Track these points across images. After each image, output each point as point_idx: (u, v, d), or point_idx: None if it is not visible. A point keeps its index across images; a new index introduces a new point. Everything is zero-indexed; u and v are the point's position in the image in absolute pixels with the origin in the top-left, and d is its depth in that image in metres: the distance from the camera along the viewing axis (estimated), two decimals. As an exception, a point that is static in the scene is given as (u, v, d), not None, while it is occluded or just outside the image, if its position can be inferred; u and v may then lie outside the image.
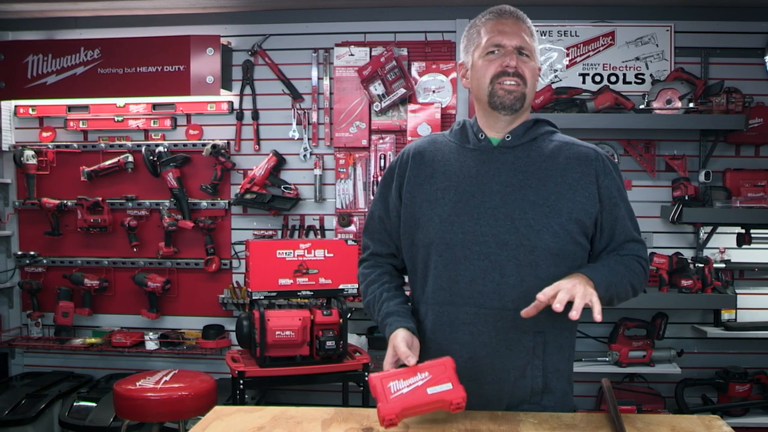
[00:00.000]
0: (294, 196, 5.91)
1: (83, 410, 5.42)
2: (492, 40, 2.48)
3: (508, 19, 2.50)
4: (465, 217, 2.44)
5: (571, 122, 5.27)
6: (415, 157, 2.61)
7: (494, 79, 2.47)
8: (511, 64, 2.44)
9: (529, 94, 2.50)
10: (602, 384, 2.46)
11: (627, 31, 5.71)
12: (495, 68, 2.47)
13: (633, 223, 2.57)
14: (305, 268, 4.92)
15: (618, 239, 2.51)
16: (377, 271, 2.72)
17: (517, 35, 2.47)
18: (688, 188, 5.45)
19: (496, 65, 2.46)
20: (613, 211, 2.50)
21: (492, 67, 2.47)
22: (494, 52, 2.48)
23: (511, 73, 2.45)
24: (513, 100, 2.47)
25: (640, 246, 2.56)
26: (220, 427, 2.27)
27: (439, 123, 5.66)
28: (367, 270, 2.75)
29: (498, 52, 2.47)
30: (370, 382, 2.25)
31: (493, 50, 2.48)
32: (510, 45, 2.46)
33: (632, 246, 2.54)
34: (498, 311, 2.40)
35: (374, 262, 2.75)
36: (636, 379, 5.67)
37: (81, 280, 6.07)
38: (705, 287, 5.38)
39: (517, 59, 2.46)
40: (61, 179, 6.21)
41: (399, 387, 2.20)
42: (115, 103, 6.10)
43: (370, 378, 2.25)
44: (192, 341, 5.98)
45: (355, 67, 5.81)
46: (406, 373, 2.23)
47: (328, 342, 4.73)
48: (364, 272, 2.76)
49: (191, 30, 5.86)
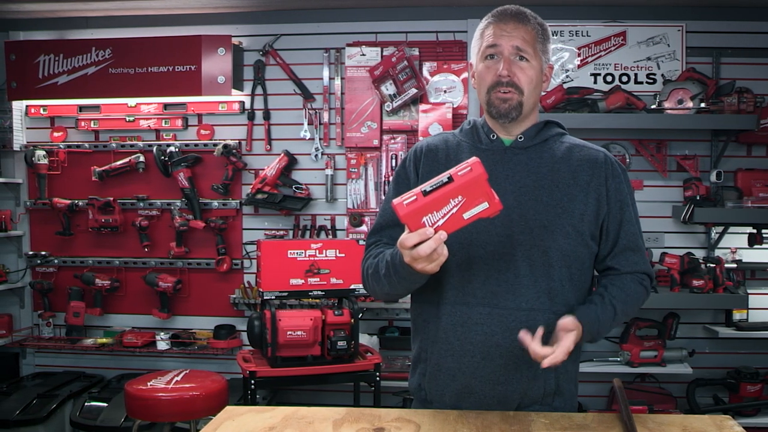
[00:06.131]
0: (305, 196, 5.92)
1: (94, 410, 5.43)
2: (489, 43, 2.47)
3: (508, 22, 2.46)
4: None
5: (582, 122, 5.27)
6: (428, 155, 2.59)
7: (491, 90, 2.47)
8: (503, 73, 2.42)
9: (527, 101, 2.47)
10: (614, 384, 2.46)
11: (638, 31, 5.70)
12: (491, 78, 2.46)
13: (638, 229, 2.55)
14: (316, 268, 4.92)
15: (621, 244, 2.50)
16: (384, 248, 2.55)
17: (515, 38, 2.44)
18: (699, 188, 5.43)
19: (492, 73, 2.45)
20: (619, 215, 2.50)
21: (488, 76, 2.46)
22: (492, 57, 2.46)
23: (505, 82, 2.43)
24: (508, 109, 2.45)
25: (642, 258, 2.54)
26: (231, 427, 2.27)
27: (450, 123, 5.66)
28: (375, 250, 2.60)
29: (495, 57, 2.45)
30: (397, 211, 2.10)
31: (491, 54, 2.47)
32: (506, 48, 2.44)
33: (635, 259, 2.52)
34: (512, 311, 2.39)
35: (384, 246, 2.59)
36: (647, 379, 5.66)
37: (92, 280, 6.08)
38: (716, 287, 5.37)
39: (514, 64, 2.44)
40: (73, 179, 6.22)
41: (434, 220, 2.10)
42: (127, 103, 6.11)
43: (396, 206, 2.10)
44: (203, 341, 5.99)
45: (367, 67, 5.81)
46: (438, 202, 2.10)
47: (340, 342, 4.73)
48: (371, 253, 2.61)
49: (202, 30, 5.86)
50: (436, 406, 2.51)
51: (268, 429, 2.24)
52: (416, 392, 2.62)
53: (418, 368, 2.60)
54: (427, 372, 2.55)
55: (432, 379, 2.53)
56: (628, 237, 2.51)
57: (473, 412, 2.33)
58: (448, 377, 2.48)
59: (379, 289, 2.52)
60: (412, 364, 2.65)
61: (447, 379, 2.49)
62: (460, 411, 2.37)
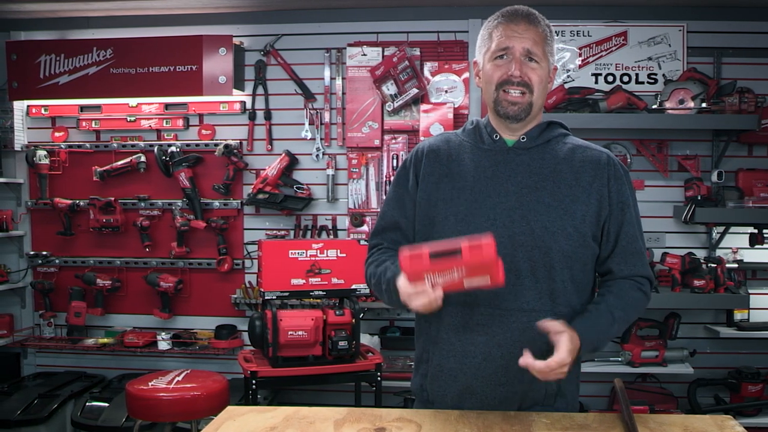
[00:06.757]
0: (306, 196, 5.92)
1: (96, 410, 5.43)
2: (500, 44, 2.45)
3: (519, 23, 2.45)
4: (481, 217, 2.43)
5: (583, 122, 5.27)
6: (430, 155, 2.59)
7: (499, 87, 2.46)
8: (515, 73, 2.43)
9: (536, 101, 2.48)
10: (615, 384, 2.46)
11: (639, 31, 5.70)
12: (500, 75, 2.45)
13: (639, 231, 2.54)
14: (318, 268, 4.92)
15: (621, 246, 2.49)
16: (389, 253, 2.61)
17: (526, 39, 2.44)
18: (700, 188, 5.43)
19: (502, 72, 2.45)
20: (620, 217, 2.49)
21: (498, 74, 2.46)
22: (502, 57, 2.46)
23: (516, 82, 2.44)
24: (517, 111, 2.46)
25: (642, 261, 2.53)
26: (232, 427, 2.27)
27: (451, 123, 5.66)
28: (376, 256, 2.66)
29: (506, 58, 2.45)
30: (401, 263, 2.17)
31: (501, 54, 2.46)
32: (518, 50, 2.43)
33: (634, 261, 2.51)
34: (513, 312, 2.39)
35: (385, 250, 2.65)
36: (648, 379, 5.66)
37: (93, 280, 6.08)
38: (718, 287, 5.37)
39: (524, 65, 2.44)
40: (74, 179, 6.23)
41: (434, 279, 2.15)
42: (128, 103, 6.11)
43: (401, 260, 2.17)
44: (204, 341, 5.99)
45: (368, 67, 5.82)
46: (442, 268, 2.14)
47: (341, 342, 4.73)
48: (372, 259, 2.66)
49: (204, 30, 5.86)
50: (437, 406, 2.51)
51: (269, 429, 2.24)
52: (418, 393, 2.63)
53: (420, 369, 2.61)
54: (428, 373, 2.55)
55: (433, 379, 2.53)
56: (628, 239, 2.50)
57: (474, 412, 2.34)
58: (450, 378, 2.48)
59: (381, 298, 2.57)
60: (415, 364, 2.66)
61: (448, 379, 2.49)
62: (462, 411, 2.37)
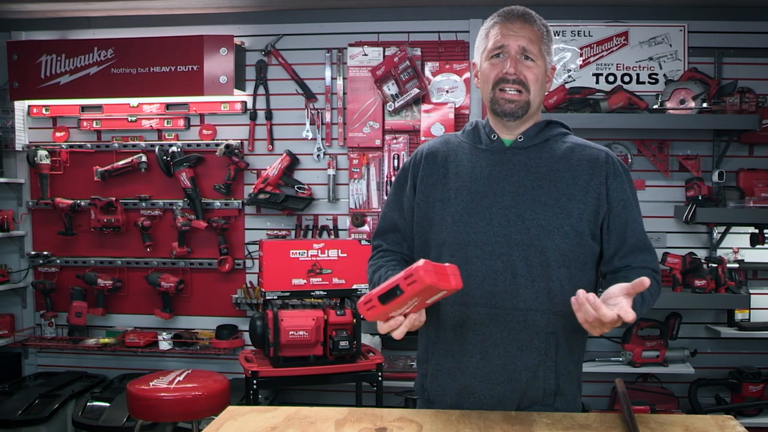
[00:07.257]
0: (307, 196, 5.92)
1: (97, 410, 5.43)
2: (496, 43, 2.46)
3: (515, 22, 2.46)
4: (477, 217, 2.43)
5: (584, 122, 5.27)
6: (428, 158, 2.60)
7: (496, 86, 2.47)
8: (510, 71, 2.43)
9: (533, 99, 2.48)
10: (616, 384, 2.45)
11: (640, 31, 5.70)
12: (496, 74, 2.46)
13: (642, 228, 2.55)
14: (319, 268, 4.92)
15: (629, 243, 2.48)
16: (386, 257, 2.67)
17: (522, 37, 2.44)
18: (701, 188, 5.42)
19: (498, 70, 2.46)
20: (623, 215, 2.48)
21: (494, 72, 2.47)
22: (498, 56, 2.47)
23: (512, 79, 2.44)
24: (514, 109, 2.46)
25: (651, 256, 2.53)
26: (233, 427, 2.27)
27: (452, 123, 5.65)
28: (375, 260, 2.70)
29: (501, 56, 2.46)
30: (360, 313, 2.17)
31: (497, 53, 2.47)
32: (513, 48, 2.44)
33: (644, 257, 2.50)
34: (509, 311, 2.40)
35: (384, 253, 2.71)
36: (649, 379, 5.66)
37: (94, 280, 6.08)
38: (718, 287, 5.37)
39: (520, 63, 2.44)
40: (75, 179, 6.23)
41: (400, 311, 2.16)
42: (129, 103, 6.11)
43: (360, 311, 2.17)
44: (205, 341, 5.99)
45: (369, 67, 5.82)
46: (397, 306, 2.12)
47: (342, 342, 4.74)
48: (372, 264, 2.70)
49: (205, 30, 5.87)
50: (437, 406, 2.52)
51: (270, 429, 2.23)
52: (420, 393, 2.64)
53: (421, 368, 2.62)
54: (428, 372, 2.56)
55: (433, 379, 2.54)
56: (636, 236, 2.49)
57: (475, 412, 2.33)
58: (448, 377, 2.49)
59: None
60: (417, 364, 2.67)
61: (447, 379, 2.50)
62: (462, 411, 2.37)
